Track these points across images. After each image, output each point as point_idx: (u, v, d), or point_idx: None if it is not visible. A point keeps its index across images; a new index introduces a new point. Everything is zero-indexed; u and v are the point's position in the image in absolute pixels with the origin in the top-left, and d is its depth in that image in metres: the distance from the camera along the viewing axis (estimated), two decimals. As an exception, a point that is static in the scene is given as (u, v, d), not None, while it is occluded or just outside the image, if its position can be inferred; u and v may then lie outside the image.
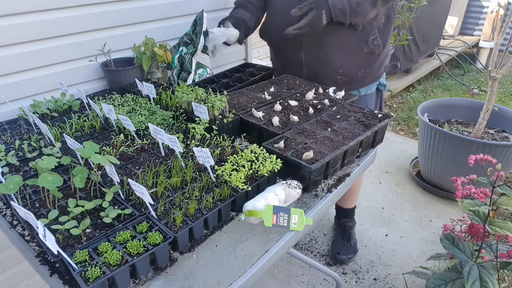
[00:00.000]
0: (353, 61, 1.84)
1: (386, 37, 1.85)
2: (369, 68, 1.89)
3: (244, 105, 1.58)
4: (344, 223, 2.43)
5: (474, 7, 6.10)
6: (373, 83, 1.98)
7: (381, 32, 1.80)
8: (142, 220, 1.02)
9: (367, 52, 1.80)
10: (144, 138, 1.41)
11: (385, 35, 1.84)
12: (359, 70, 1.87)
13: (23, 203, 1.09)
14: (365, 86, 1.94)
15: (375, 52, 1.82)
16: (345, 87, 1.80)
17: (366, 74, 1.90)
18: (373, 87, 1.99)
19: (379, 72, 1.96)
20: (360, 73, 1.88)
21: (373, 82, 1.96)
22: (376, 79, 1.98)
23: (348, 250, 2.35)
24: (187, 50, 1.85)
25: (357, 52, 1.81)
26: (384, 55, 1.92)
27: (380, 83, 2.02)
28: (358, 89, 1.94)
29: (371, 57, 1.85)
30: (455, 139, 2.60)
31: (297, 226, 1.09)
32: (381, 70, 1.97)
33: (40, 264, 0.98)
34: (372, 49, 1.80)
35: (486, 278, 1.25)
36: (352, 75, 1.88)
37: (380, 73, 1.98)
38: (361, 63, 1.86)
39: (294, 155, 1.22)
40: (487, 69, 2.96)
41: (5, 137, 1.44)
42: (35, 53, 1.68)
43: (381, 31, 1.80)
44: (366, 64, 1.87)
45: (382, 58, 1.91)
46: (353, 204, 2.42)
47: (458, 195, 1.37)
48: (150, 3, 2.02)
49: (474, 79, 5.31)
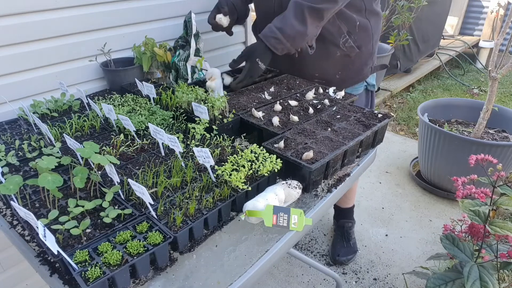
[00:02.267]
0: (328, 65, 1.83)
1: (363, 38, 1.81)
2: (348, 71, 1.87)
3: (244, 105, 1.58)
4: (343, 224, 2.42)
5: (474, 7, 6.10)
6: (359, 84, 1.96)
7: (355, 34, 1.76)
8: (142, 220, 1.02)
9: (341, 55, 1.79)
10: (144, 138, 1.41)
11: (361, 36, 1.79)
12: (335, 73, 1.86)
13: (23, 203, 1.09)
14: (348, 88, 1.90)
15: (350, 54, 1.79)
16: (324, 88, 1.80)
17: (345, 77, 1.88)
18: (359, 88, 1.97)
19: (363, 73, 1.93)
20: (337, 75, 1.87)
21: (356, 83, 1.94)
22: (360, 81, 1.95)
23: (348, 251, 2.35)
24: (184, 52, 1.85)
25: (330, 56, 1.79)
26: (366, 56, 1.87)
27: (368, 83, 2.00)
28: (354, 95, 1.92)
29: (347, 60, 1.82)
30: (455, 139, 2.60)
31: (297, 226, 1.09)
32: (365, 71, 1.93)
33: (40, 264, 0.98)
34: (346, 52, 1.78)
35: (486, 278, 1.25)
36: (329, 78, 1.87)
37: (365, 74, 1.94)
38: (336, 66, 1.84)
39: (294, 155, 1.22)
40: (487, 69, 2.96)
41: (5, 137, 1.44)
42: (35, 53, 1.68)
43: (355, 33, 1.76)
44: (343, 67, 1.84)
45: (363, 59, 1.87)
46: (351, 203, 2.42)
47: (458, 195, 1.37)
48: (150, 3, 2.02)
49: (474, 79, 5.31)
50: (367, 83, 2.00)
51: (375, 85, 2.05)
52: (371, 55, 1.90)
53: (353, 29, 1.75)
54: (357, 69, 1.89)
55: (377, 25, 1.86)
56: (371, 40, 1.85)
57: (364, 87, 2.00)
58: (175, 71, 1.87)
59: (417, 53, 4.72)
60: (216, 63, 2.47)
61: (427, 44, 4.90)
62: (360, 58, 1.86)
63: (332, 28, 1.72)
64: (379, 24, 1.89)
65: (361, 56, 1.85)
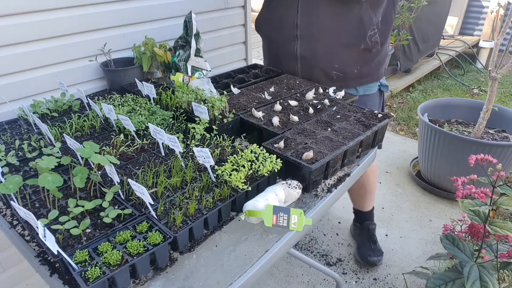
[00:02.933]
0: (349, 57, 1.81)
1: (385, 36, 1.82)
2: (366, 67, 1.86)
3: (244, 105, 1.58)
4: (368, 226, 2.38)
5: (474, 7, 6.10)
6: (373, 84, 1.94)
7: (380, 30, 1.77)
8: (142, 220, 1.02)
9: (364, 48, 1.78)
10: (144, 138, 1.41)
11: (383, 33, 1.80)
12: (355, 67, 1.84)
13: (23, 203, 1.09)
14: (362, 85, 1.90)
15: (372, 49, 1.79)
16: (340, 84, 1.78)
17: (363, 72, 1.86)
18: (373, 88, 1.96)
19: (378, 72, 1.93)
20: (356, 70, 1.84)
21: (371, 82, 1.93)
22: (376, 80, 1.94)
23: (377, 252, 2.31)
24: (184, 52, 1.85)
25: (354, 47, 1.78)
26: (382, 55, 1.89)
27: (381, 84, 1.99)
28: (356, 88, 1.90)
29: (368, 55, 1.82)
30: (455, 139, 2.59)
31: (297, 226, 1.09)
32: (381, 71, 1.94)
33: (40, 264, 0.98)
34: (369, 46, 1.77)
35: (486, 278, 1.25)
36: (347, 71, 1.84)
37: (380, 74, 1.94)
38: (358, 59, 1.82)
39: (294, 155, 1.22)
40: (487, 69, 2.96)
41: (5, 137, 1.44)
42: (35, 53, 1.68)
43: (379, 29, 1.77)
44: (363, 61, 1.83)
45: (380, 58, 1.88)
46: (371, 206, 2.38)
47: (458, 195, 1.37)
48: (150, 3, 2.02)
49: (474, 79, 5.31)
50: (380, 84, 1.98)
51: (387, 86, 2.03)
52: (386, 55, 1.91)
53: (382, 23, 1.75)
54: (374, 67, 1.88)
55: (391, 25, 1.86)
56: (387, 40, 1.85)
57: (377, 87, 1.98)
58: (175, 71, 1.87)
59: (417, 53, 4.72)
60: (216, 63, 2.47)
61: (427, 44, 4.90)
62: (378, 56, 1.85)
63: (364, 16, 1.71)
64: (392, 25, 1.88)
65: (379, 54, 1.85)
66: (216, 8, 2.36)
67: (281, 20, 1.87)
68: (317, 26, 1.72)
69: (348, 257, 2.39)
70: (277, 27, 1.89)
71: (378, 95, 2.00)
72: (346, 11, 1.71)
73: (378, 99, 2.02)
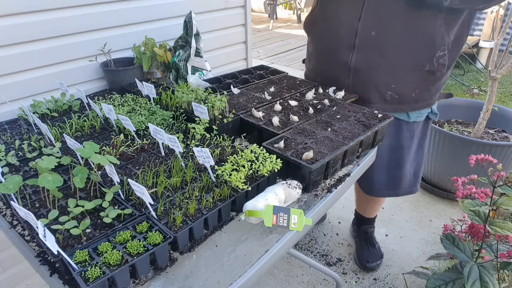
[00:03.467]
0: (410, 77, 1.61)
1: (453, 58, 1.61)
2: (425, 91, 1.66)
3: (244, 105, 1.58)
4: (365, 229, 2.37)
5: (474, 7, 6.09)
6: (425, 110, 1.75)
7: (449, 51, 1.56)
8: (142, 220, 1.02)
9: (428, 70, 1.59)
10: (144, 138, 1.41)
11: (452, 56, 1.59)
12: (413, 90, 1.64)
13: (23, 203, 1.09)
14: (415, 111, 1.71)
15: (436, 72, 1.60)
16: (394, 107, 1.64)
17: (420, 97, 1.67)
18: (424, 114, 1.77)
19: (434, 98, 1.73)
20: (413, 93, 1.64)
21: (425, 108, 1.73)
22: (429, 105, 1.74)
23: (375, 256, 2.29)
24: (184, 52, 1.85)
25: (417, 68, 1.59)
26: (444, 80, 1.71)
27: (432, 111, 1.79)
28: (408, 113, 1.72)
29: (431, 78, 1.62)
30: (455, 139, 2.60)
31: (297, 226, 1.09)
32: (436, 96, 1.74)
33: (40, 264, 0.98)
34: (435, 68, 1.58)
35: (487, 278, 1.25)
36: (404, 94, 1.64)
37: (435, 99, 1.75)
38: (418, 82, 1.63)
39: (294, 155, 1.22)
40: (487, 69, 2.96)
41: (5, 137, 1.44)
42: (35, 53, 1.68)
43: (449, 50, 1.56)
44: (423, 85, 1.64)
45: (441, 82, 1.70)
46: (375, 214, 2.36)
47: (458, 195, 1.37)
48: (150, 3, 2.02)
49: (474, 79, 5.31)
50: (431, 110, 1.79)
51: (437, 114, 1.83)
52: (446, 79, 1.73)
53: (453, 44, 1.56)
54: (433, 92, 1.70)
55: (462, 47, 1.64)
56: (453, 63, 1.65)
57: (427, 114, 1.80)
58: (175, 71, 1.87)
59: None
60: (216, 63, 2.47)
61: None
62: (440, 81, 1.68)
63: (436, 34, 1.50)
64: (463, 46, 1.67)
65: (443, 78, 1.68)
66: (216, 8, 2.36)
67: (338, 24, 1.65)
68: (381, 38, 1.53)
69: (348, 257, 2.39)
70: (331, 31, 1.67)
71: (424, 122, 1.82)
72: (418, 24, 1.50)
73: (424, 126, 1.83)
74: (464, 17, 1.55)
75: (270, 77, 1.93)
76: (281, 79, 1.88)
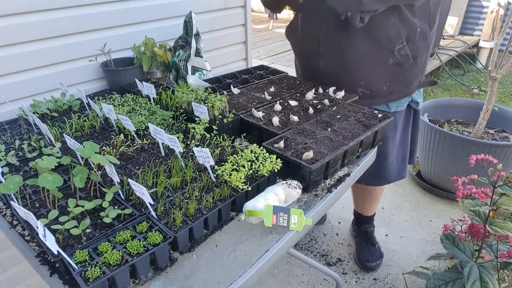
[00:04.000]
0: (377, 73, 1.67)
1: (419, 48, 1.66)
2: (397, 83, 1.70)
3: (244, 105, 1.58)
4: (365, 229, 2.37)
5: (474, 7, 6.10)
6: (404, 99, 1.79)
7: (413, 43, 1.62)
8: (142, 220, 1.02)
9: (393, 63, 1.64)
10: (144, 138, 1.41)
11: (419, 45, 1.65)
12: (383, 83, 1.70)
13: (23, 203, 1.09)
14: (394, 102, 1.76)
15: (403, 64, 1.65)
16: (369, 102, 1.67)
17: (393, 89, 1.71)
18: (404, 103, 1.81)
19: (411, 87, 1.76)
20: (385, 87, 1.70)
21: (403, 98, 1.78)
22: (407, 95, 1.78)
23: (375, 255, 2.29)
24: (184, 52, 1.85)
25: (381, 63, 1.65)
26: (418, 68, 1.73)
27: (412, 99, 1.83)
28: (388, 105, 1.77)
29: (399, 70, 1.67)
30: (455, 139, 2.60)
31: (297, 226, 1.09)
32: (413, 85, 1.77)
33: (40, 264, 0.98)
34: (399, 60, 1.63)
35: (487, 278, 1.25)
36: (375, 89, 1.71)
37: (412, 88, 1.77)
38: (387, 76, 1.68)
39: (294, 155, 1.22)
40: (487, 69, 2.96)
41: (5, 137, 1.44)
42: (35, 53, 1.68)
43: (414, 41, 1.62)
44: (393, 77, 1.69)
45: (414, 71, 1.72)
46: (373, 212, 2.37)
47: (458, 195, 1.37)
48: (150, 3, 2.02)
49: (474, 79, 5.31)
50: (411, 99, 1.83)
51: (419, 103, 1.86)
52: (423, 68, 1.76)
53: (413, 36, 1.61)
54: (406, 82, 1.74)
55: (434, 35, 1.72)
56: (426, 51, 1.70)
57: (407, 104, 1.84)
58: (175, 71, 1.87)
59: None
60: (216, 63, 2.47)
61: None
62: (412, 70, 1.71)
63: (391, 30, 1.58)
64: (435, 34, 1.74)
65: (414, 68, 1.71)
66: (216, 8, 2.36)
67: (304, 33, 1.79)
68: (339, 42, 1.63)
69: (348, 257, 2.39)
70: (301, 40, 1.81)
71: (406, 111, 1.86)
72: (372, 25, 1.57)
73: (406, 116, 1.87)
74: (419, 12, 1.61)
75: (270, 77, 1.93)
76: (281, 79, 1.88)
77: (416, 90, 1.82)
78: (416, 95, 1.85)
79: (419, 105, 1.88)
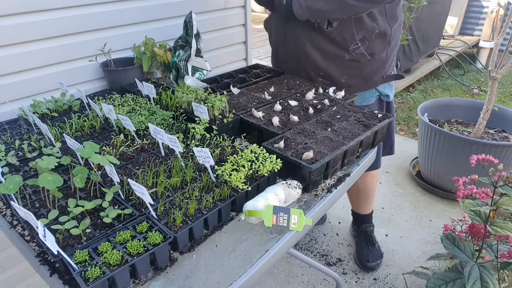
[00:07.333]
0: (334, 66, 1.78)
1: (378, 45, 1.73)
2: (355, 77, 1.79)
3: (244, 105, 1.58)
4: (364, 229, 2.37)
5: (474, 7, 6.10)
6: (369, 93, 1.87)
7: (370, 41, 1.70)
8: (142, 220, 1.02)
9: (349, 59, 1.73)
10: (144, 138, 1.41)
11: (376, 44, 1.72)
12: (341, 76, 1.80)
13: (23, 203, 1.09)
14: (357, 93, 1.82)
15: (360, 60, 1.73)
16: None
17: (352, 82, 1.80)
18: (370, 98, 1.88)
19: (372, 81, 1.83)
20: (343, 79, 1.80)
21: (364, 90, 1.85)
22: (369, 88, 1.85)
23: (375, 255, 2.30)
24: (184, 53, 1.85)
25: (337, 58, 1.75)
26: (378, 64, 1.79)
27: (380, 93, 1.89)
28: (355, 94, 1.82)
29: (356, 65, 1.76)
30: (455, 139, 2.59)
31: (297, 226, 1.09)
32: (375, 79, 1.84)
33: (40, 264, 0.98)
34: (354, 57, 1.72)
35: (487, 278, 1.25)
36: (334, 80, 1.81)
37: (374, 82, 1.84)
38: (343, 69, 1.78)
39: (294, 155, 1.22)
40: (487, 69, 2.96)
41: (5, 137, 1.44)
42: (35, 53, 1.68)
43: (371, 40, 1.70)
44: (351, 71, 1.78)
45: (374, 66, 1.79)
46: (370, 210, 2.37)
47: (459, 195, 1.37)
48: (150, 3, 2.02)
49: (474, 79, 5.31)
50: (380, 93, 1.89)
51: (389, 95, 1.92)
52: (384, 64, 1.81)
53: (370, 36, 1.69)
54: (366, 76, 1.81)
55: (397, 32, 1.78)
56: (387, 48, 1.77)
57: (376, 97, 1.89)
58: (175, 71, 1.87)
59: (417, 53, 4.71)
60: (216, 63, 2.47)
61: (427, 44, 4.90)
62: (371, 65, 1.78)
63: (346, 32, 1.68)
64: (399, 31, 1.80)
65: (373, 63, 1.77)
66: (216, 8, 2.36)
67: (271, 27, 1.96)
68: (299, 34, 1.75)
69: (348, 257, 2.39)
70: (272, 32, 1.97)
71: (377, 105, 1.92)
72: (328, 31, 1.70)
73: (378, 109, 1.91)
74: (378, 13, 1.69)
75: (266, 75, 1.93)
76: (281, 79, 1.88)
77: (380, 84, 1.88)
78: (384, 88, 1.90)
79: (390, 97, 1.95)
